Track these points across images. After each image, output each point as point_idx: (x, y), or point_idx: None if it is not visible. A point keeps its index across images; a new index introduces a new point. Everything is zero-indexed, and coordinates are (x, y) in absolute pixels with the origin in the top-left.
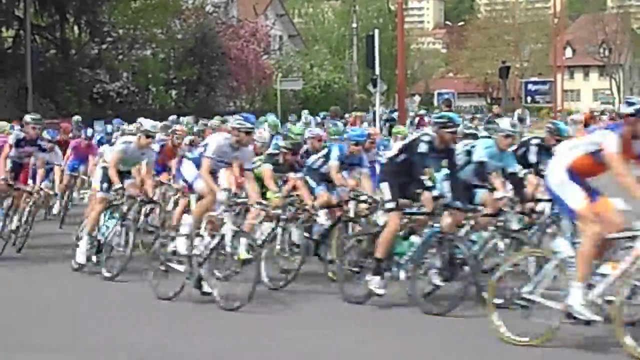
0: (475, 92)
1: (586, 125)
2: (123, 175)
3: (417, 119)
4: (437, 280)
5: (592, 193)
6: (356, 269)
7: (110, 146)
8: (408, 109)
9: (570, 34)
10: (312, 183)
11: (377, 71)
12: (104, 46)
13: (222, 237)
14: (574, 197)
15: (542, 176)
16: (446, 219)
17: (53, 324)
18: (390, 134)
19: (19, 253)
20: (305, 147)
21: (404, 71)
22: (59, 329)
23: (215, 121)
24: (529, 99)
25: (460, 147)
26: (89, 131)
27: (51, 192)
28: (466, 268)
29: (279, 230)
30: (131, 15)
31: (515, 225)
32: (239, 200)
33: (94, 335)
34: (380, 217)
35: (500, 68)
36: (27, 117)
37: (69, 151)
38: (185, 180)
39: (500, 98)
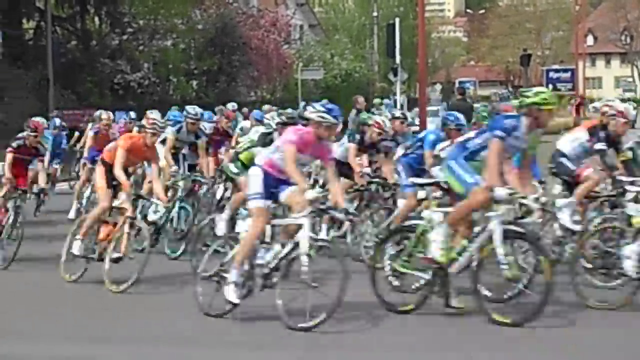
0: (496, 80)
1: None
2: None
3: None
4: None
5: None
6: None
7: None
8: (430, 98)
9: (591, 22)
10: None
11: (398, 60)
12: (125, 37)
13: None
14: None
15: None
16: None
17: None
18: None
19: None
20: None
21: (424, 60)
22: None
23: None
24: (550, 86)
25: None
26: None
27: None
28: None
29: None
30: (151, 6)
31: None
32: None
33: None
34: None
35: (521, 56)
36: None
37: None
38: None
39: (521, 86)
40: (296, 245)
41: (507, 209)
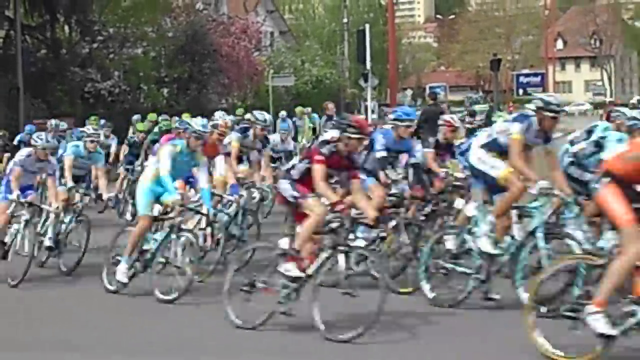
0: (467, 85)
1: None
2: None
3: None
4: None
5: None
6: None
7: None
8: (404, 104)
9: (561, 26)
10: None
11: (369, 66)
12: (95, 45)
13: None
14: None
15: None
16: None
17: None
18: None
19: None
20: None
21: (395, 65)
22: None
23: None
24: (520, 91)
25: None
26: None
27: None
28: None
29: None
30: (121, 14)
31: None
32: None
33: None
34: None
35: (491, 61)
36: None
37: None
38: None
39: (492, 91)
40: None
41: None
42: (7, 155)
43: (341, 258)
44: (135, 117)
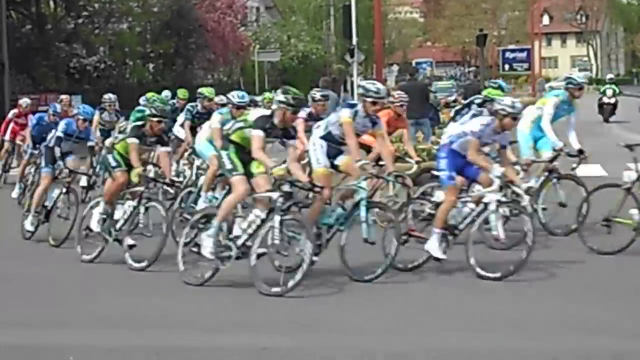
0: (453, 61)
1: None
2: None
3: None
4: None
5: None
6: None
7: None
8: (387, 79)
9: (547, 1)
10: None
11: (354, 41)
12: (80, 20)
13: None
14: None
15: None
16: None
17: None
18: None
19: None
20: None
21: (381, 41)
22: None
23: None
24: (507, 66)
25: None
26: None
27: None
28: None
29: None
30: None
31: None
32: None
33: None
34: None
35: (477, 36)
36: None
37: None
38: None
39: (478, 66)
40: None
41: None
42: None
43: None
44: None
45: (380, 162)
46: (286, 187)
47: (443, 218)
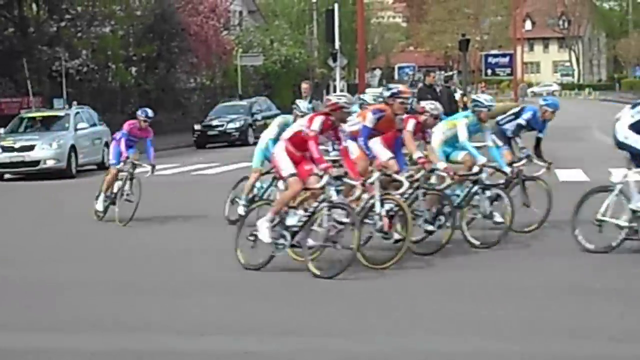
0: (435, 65)
1: None
2: None
3: None
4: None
5: None
6: None
7: None
8: (369, 84)
9: (529, 7)
10: None
11: (337, 46)
12: (63, 23)
13: None
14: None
15: None
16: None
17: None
18: None
19: None
20: None
21: (364, 45)
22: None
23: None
24: (489, 71)
25: None
26: None
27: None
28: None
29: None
30: None
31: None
32: None
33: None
34: None
35: (460, 41)
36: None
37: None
38: None
39: (460, 71)
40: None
41: None
42: None
43: None
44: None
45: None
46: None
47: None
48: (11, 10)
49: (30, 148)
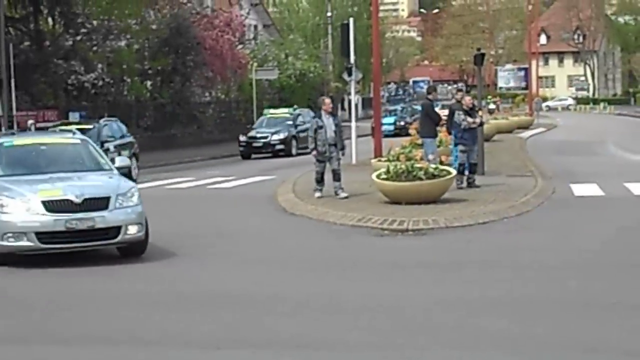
0: (450, 79)
1: None
2: None
3: None
4: None
5: None
6: None
7: None
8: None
9: (544, 21)
10: None
11: (352, 60)
12: (79, 37)
13: None
14: None
15: None
16: None
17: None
18: None
19: None
20: None
21: (379, 59)
22: None
23: None
24: (504, 85)
25: None
26: None
27: None
28: None
29: None
30: (105, 6)
31: None
32: None
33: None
34: None
35: (475, 55)
36: None
37: None
38: None
39: (475, 85)
40: None
41: None
42: None
43: None
44: None
45: None
46: None
47: None
48: (27, 24)
49: None
